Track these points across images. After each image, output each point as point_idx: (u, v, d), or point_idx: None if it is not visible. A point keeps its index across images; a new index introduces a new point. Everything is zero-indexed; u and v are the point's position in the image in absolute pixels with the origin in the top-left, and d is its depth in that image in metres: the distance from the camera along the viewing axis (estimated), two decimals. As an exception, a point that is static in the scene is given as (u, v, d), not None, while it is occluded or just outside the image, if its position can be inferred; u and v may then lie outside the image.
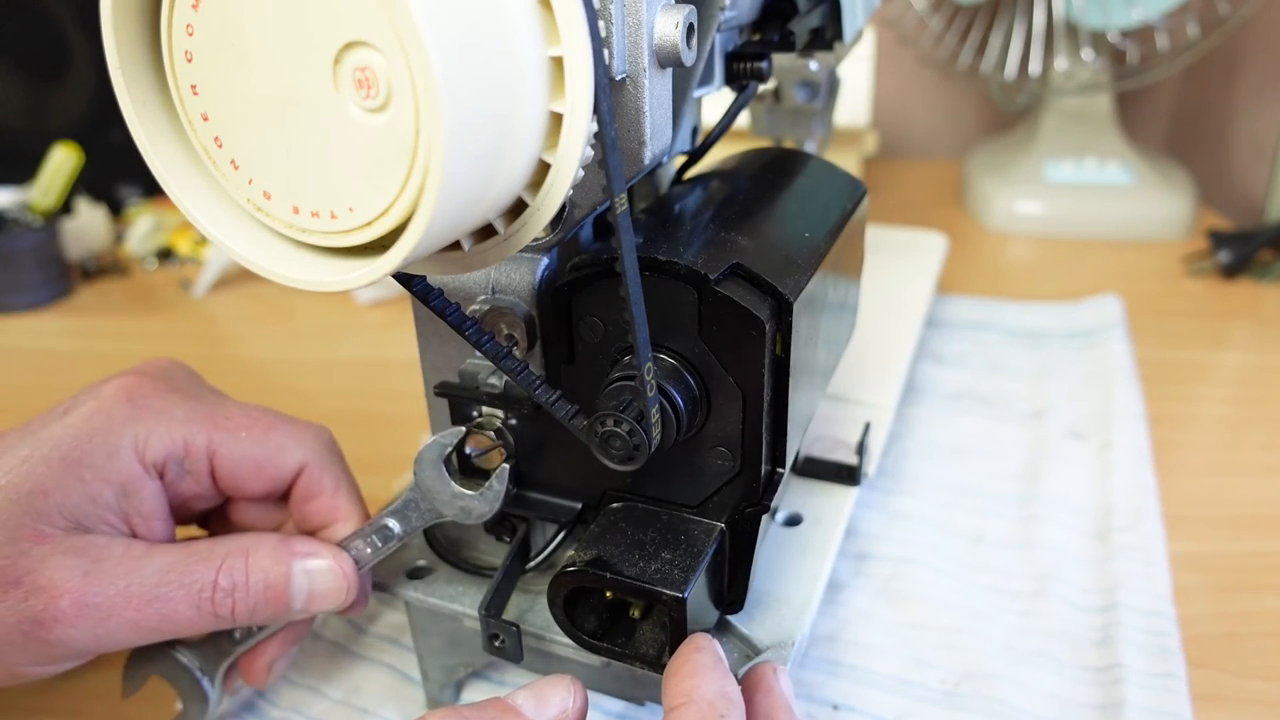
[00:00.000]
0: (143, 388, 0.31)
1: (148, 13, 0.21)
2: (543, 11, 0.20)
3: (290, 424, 0.33)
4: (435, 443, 0.31)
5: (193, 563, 0.29)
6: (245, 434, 0.32)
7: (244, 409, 0.33)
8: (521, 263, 0.29)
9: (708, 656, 0.27)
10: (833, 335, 0.35)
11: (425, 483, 0.31)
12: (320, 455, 0.33)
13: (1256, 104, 0.87)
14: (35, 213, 0.75)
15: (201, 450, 0.31)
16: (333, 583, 0.31)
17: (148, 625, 0.29)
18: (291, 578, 0.30)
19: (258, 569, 0.30)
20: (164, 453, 0.31)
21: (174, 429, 0.31)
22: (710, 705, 0.25)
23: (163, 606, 0.29)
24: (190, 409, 0.32)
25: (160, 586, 0.29)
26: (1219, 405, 0.56)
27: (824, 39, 0.39)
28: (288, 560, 0.30)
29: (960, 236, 0.80)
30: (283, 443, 0.32)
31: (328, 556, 0.31)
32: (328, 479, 0.33)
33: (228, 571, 0.30)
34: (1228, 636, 0.39)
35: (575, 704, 0.27)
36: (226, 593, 0.29)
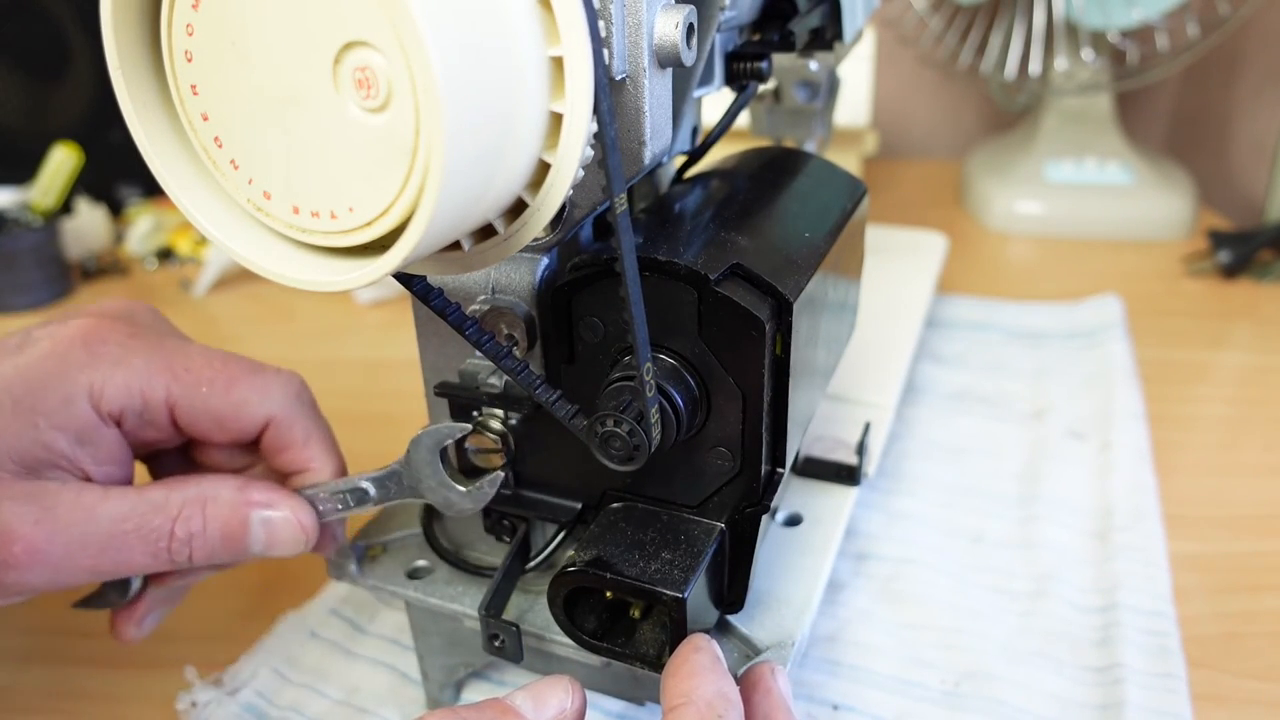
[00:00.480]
0: (101, 331, 0.30)
1: (148, 13, 0.21)
2: (543, 11, 0.20)
3: (255, 376, 0.32)
4: (437, 430, 0.30)
5: (148, 512, 0.29)
6: (206, 388, 0.31)
7: (207, 358, 0.31)
8: (521, 263, 0.29)
9: (706, 657, 0.27)
10: (833, 335, 0.35)
11: (416, 463, 0.31)
12: (288, 407, 0.32)
13: (1256, 104, 0.87)
14: (35, 213, 0.75)
15: (160, 402, 0.30)
16: (290, 534, 0.31)
17: (103, 570, 0.29)
18: (249, 528, 0.30)
19: (215, 519, 0.30)
20: (120, 404, 0.30)
21: (131, 379, 0.30)
22: (709, 705, 0.25)
23: (117, 554, 0.28)
24: (150, 358, 0.30)
25: (115, 536, 0.28)
26: (1219, 405, 0.56)
27: (824, 39, 0.39)
28: (245, 510, 0.30)
29: (960, 236, 0.80)
30: (246, 397, 0.31)
31: (286, 509, 0.30)
32: (297, 430, 0.32)
33: (184, 522, 0.29)
34: (1228, 636, 0.39)
35: (573, 704, 0.27)
36: (183, 542, 0.29)
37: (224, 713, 0.36)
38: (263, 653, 0.38)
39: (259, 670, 0.37)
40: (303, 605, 0.41)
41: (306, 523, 0.31)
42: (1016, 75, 0.83)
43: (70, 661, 0.38)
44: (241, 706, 0.36)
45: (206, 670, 0.37)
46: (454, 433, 0.30)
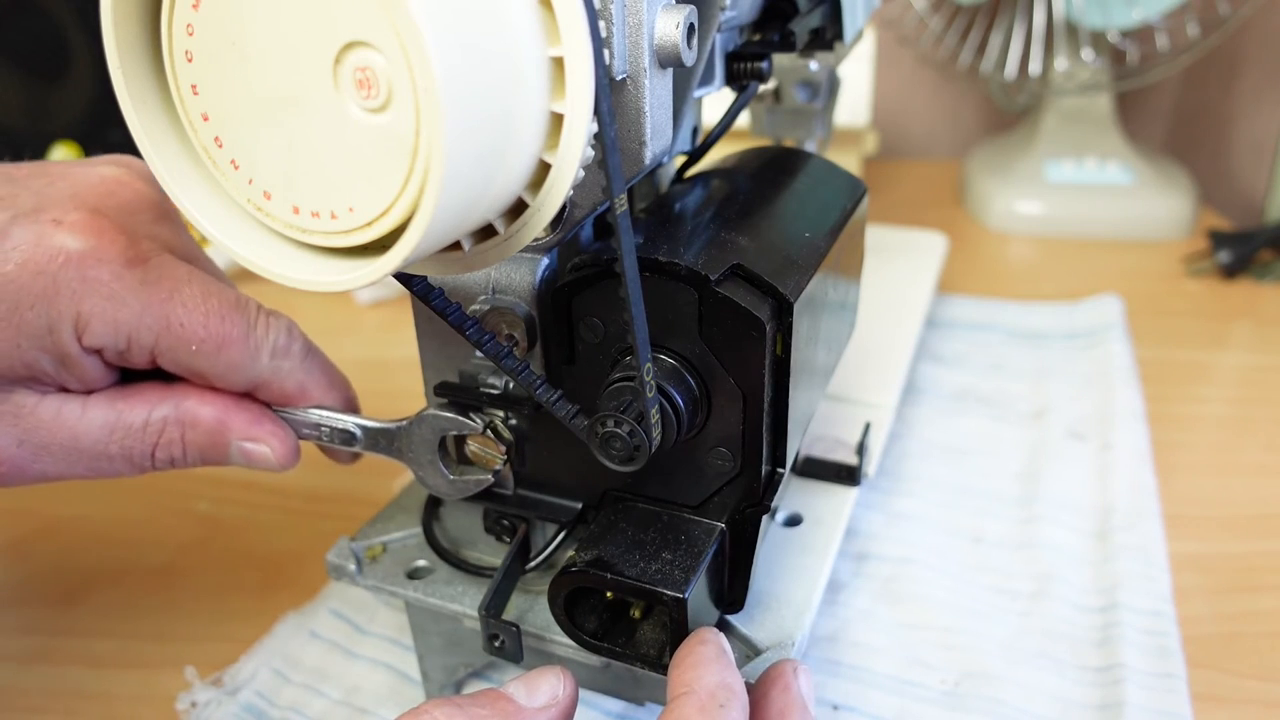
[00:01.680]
0: (99, 251, 0.28)
1: (148, 13, 0.21)
2: (543, 11, 0.20)
3: (247, 338, 0.30)
4: (451, 419, 0.31)
5: (128, 435, 0.29)
6: (195, 347, 0.29)
7: (204, 313, 0.30)
8: (522, 263, 0.29)
9: (711, 649, 0.27)
10: (833, 335, 0.35)
11: (416, 436, 0.31)
12: (276, 369, 0.31)
13: (1256, 104, 0.87)
14: (35, 213, 0.75)
15: (145, 348, 0.29)
16: (268, 463, 0.31)
17: (82, 469, 0.30)
18: (228, 453, 0.31)
19: (194, 444, 0.30)
20: (103, 340, 0.28)
21: (121, 319, 0.28)
22: (710, 696, 0.25)
23: (103, 467, 0.30)
24: (146, 301, 0.28)
25: (98, 457, 0.29)
26: (1219, 405, 0.56)
27: (824, 39, 0.39)
28: (225, 438, 0.30)
29: (960, 236, 0.80)
30: (234, 361, 0.30)
31: (264, 442, 0.31)
32: (289, 385, 0.32)
33: (164, 447, 0.30)
34: (1228, 636, 0.39)
35: (565, 691, 0.27)
36: (164, 463, 0.30)
37: (224, 713, 0.36)
38: (263, 653, 0.38)
39: (259, 670, 0.37)
40: (303, 605, 0.41)
41: (283, 452, 0.31)
42: (1016, 75, 0.83)
43: (70, 661, 0.38)
44: (241, 706, 0.36)
45: (206, 670, 0.37)
46: (463, 428, 0.31)
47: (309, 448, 0.34)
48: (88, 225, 0.28)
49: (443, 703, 0.25)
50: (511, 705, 0.26)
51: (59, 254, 0.27)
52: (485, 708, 0.25)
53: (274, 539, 0.45)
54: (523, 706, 0.26)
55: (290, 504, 0.47)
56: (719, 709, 0.25)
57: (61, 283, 0.27)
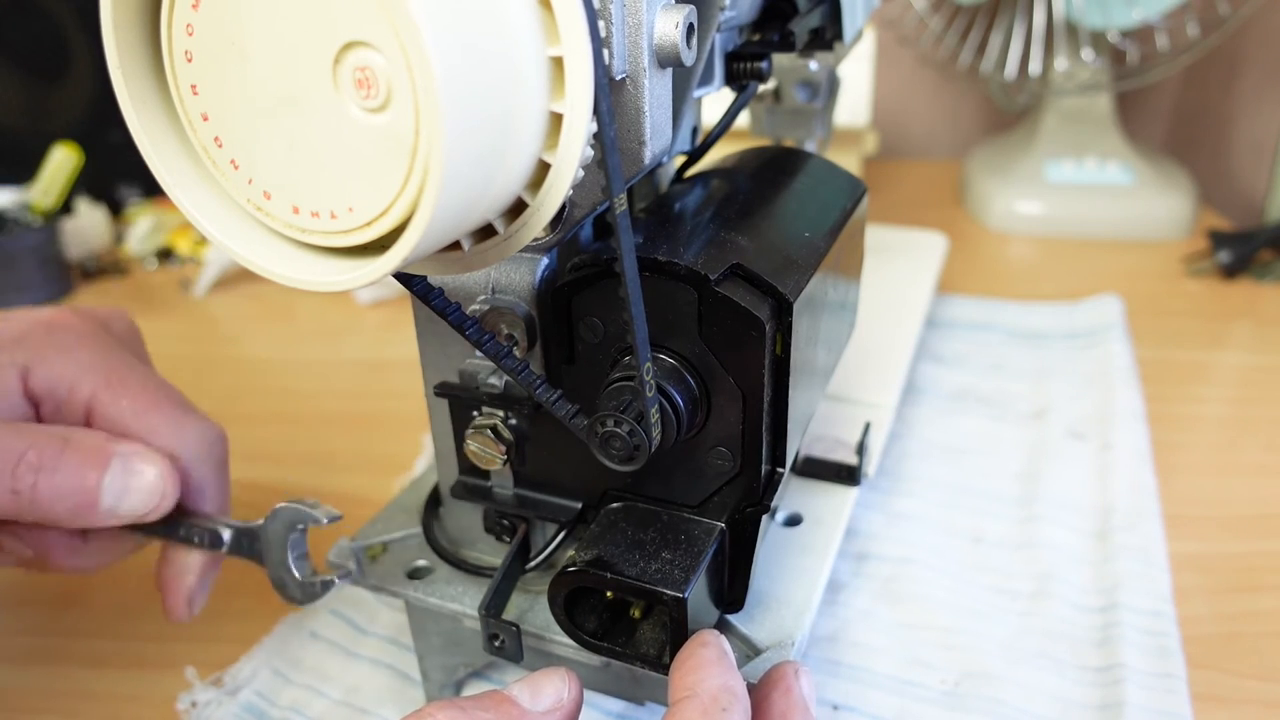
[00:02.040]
0: (67, 320, 0.31)
1: (148, 13, 0.21)
2: (542, 11, 0.20)
3: (179, 412, 0.32)
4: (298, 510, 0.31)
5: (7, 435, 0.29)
6: (127, 403, 0.31)
7: (144, 380, 0.32)
8: (521, 263, 0.29)
9: (713, 651, 0.27)
10: (833, 335, 0.35)
11: (269, 532, 0.32)
12: (194, 452, 0.32)
13: (1256, 104, 0.87)
14: (35, 213, 0.75)
15: (81, 399, 0.31)
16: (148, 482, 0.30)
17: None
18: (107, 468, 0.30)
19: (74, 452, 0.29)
20: (46, 386, 0.30)
21: (65, 369, 0.30)
22: (713, 699, 0.25)
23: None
24: (94, 359, 0.31)
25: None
26: (1219, 405, 0.56)
27: (824, 39, 0.39)
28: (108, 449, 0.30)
29: (960, 236, 0.80)
30: (158, 426, 0.31)
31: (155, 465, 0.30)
32: (194, 476, 0.33)
33: (39, 449, 0.29)
34: (1228, 636, 0.39)
35: (570, 694, 0.27)
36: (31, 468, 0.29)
37: (224, 713, 0.36)
38: (263, 653, 0.38)
39: (259, 670, 0.37)
40: (303, 605, 0.41)
41: (168, 475, 0.31)
42: (1016, 75, 0.83)
43: (70, 661, 0.38)
44: (241, 706, 0.36)
45: (206, 670, 0.37)
46: (312, 519, 0.31)
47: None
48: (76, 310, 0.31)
49: (445, 705, 0.25)
50: (515, 709, 0.26)
51: (36, 318, 0.31)
52: (489, 711, 0.25)
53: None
54: (527, 709, 0.26)
55: (290, 504, 0.47)
56: (721, 712, 0.25)
57: (29, 336, 0.30)
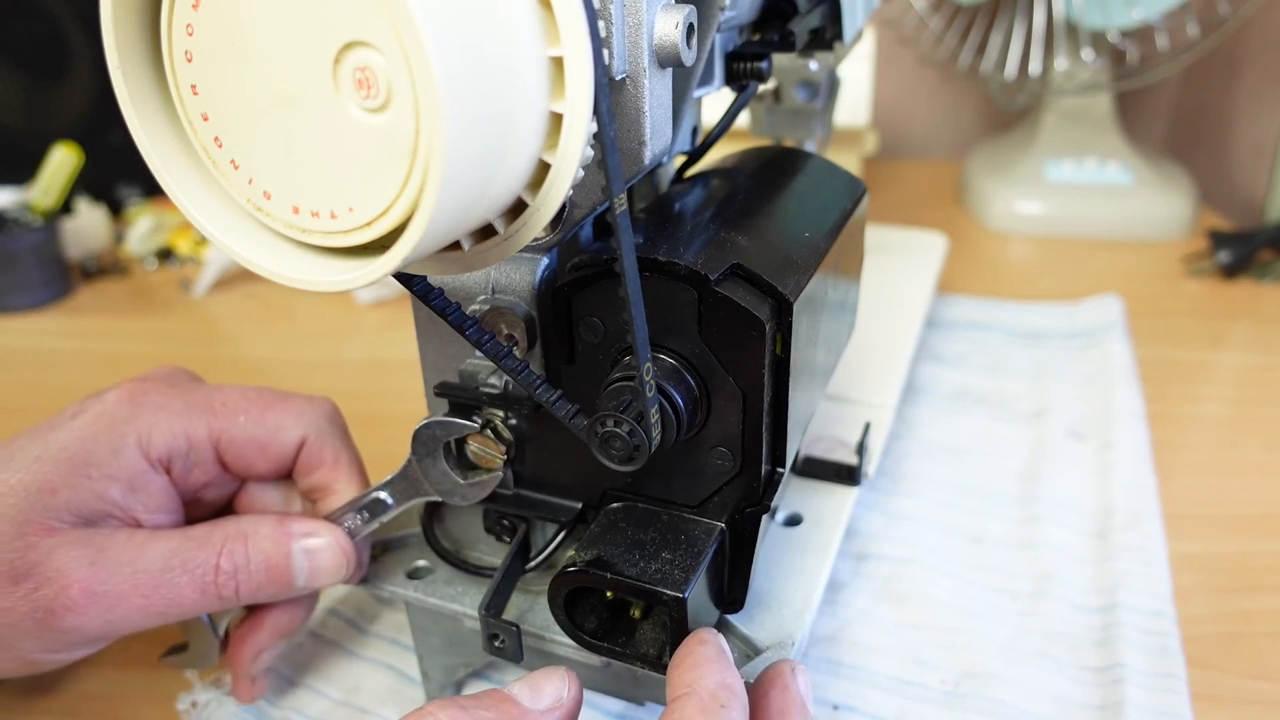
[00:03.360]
0: (144, 389, 0.32)
1: (148, 13, 0.21)
2: (543, 11, 0.20)
3: (288, 400, 0.34)
4: (436, 424, 0.31)
5: (193, 548, 0.30)
6: (244, 417, 0.33)
7: (241, 392, 0.34)
8: (521, 263, 0.29)
9: (711, 649, 0.27)
10: (833, 335, 0.35)
11: (419, 460, 0.32)
12: (319, 427, 0.34)
13: (1256, 104, 0.87)
14: (35, 213, 0.75)
15: (204, 439, 0.32)
16: (332, 559, 0.32)
17: (155, 610, 0.30)
18: (292, 558, 0.31)
19: (258, 551, 0.31)
20: (167, 447, 0.31)
21: (174, 423, 0.32)
22: (711, 696, 0.25)
23: (168, 592, 0.30)
24: (188, 401, 0.32)
25: (164, 573, 0.30)
26: (1219, 405, 0.56)
27: (824, 39, 0.39)
28: (287, 542, 0.31)
29: (960, 236, 0.80)
30: (281, 420, 0.33)
31: (325, 534, 0.32)
32: (327, 450, 0.34)
33: (229, 555, 0.30)
34: (1228, 636, 0.39)
35: (570, 693, 0.27)
36: (229, 575, 0.30)
37: (224, 713, 0.36)
38: (263, 653, 0.38)
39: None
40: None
41: (346, 546, 0.32)
42: (1016, 75, 0.83)
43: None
44: (241, 706, 0.36)
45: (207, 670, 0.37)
46: (456, 431, 0.31)
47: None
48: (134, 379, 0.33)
49: (446, 704, 0.25)
50: (516, 708, 0.26)
51: (114, 399, 0.32)
52: (489, 709, 0.25)
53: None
54: (527, 708, 0.26)
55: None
56: (720, 709, 0.25)
57: (119, 416, 0.31)
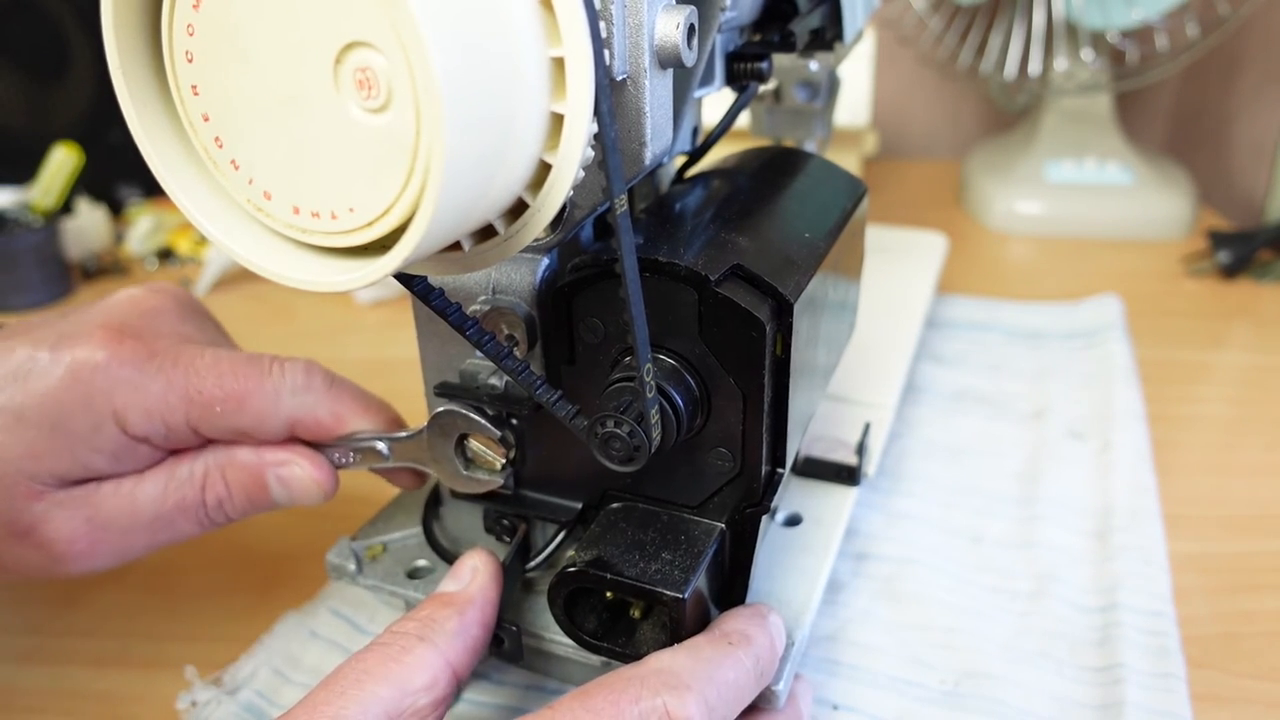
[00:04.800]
0: (121, 354, 0.31)
1: (148, 13, 0.21)
2: (543, 12, 0.20)
3: (264, 383, 0.32)
4: (460, 415, 0.32)
5: (178, 488, 0.32)
6: (220, 409, 0.32)
7: (218, 375, 0.32)
8: (522, 263, 0.29)
9: (759, 610, 0.30)
10: (833, 335, 0.35)
11: (432, 437, 0.32)
12: (303, 402, 0.33)
13: (1256, 104, 0.87)
14: (36, 213, 0.75)
15: (181, 424, 0.32)
16: (306, 486, 0.33)
17: (160, 542, 0.33)
18: (268, 486, 0.33)
19: (236, 482, 0.33)
20: (144, 429, 0.31)
21: (150, 406, 0.31)
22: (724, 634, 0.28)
23: (167, 529, 0.32)
24: (167, 383, 0.31)
25: (159, 517, 0.32)
26: (1219, 405, 0.56)
27: (824, 39, 0.39)
28: (261, 471, 0.33)
29: (960, 236, 0.80)
30: (260, 409, 0.32)
31: (299, 464, 0.33)
32: (321, 415, 0.33)
33: (211, 490, 0.33)
34: (1228, 636, 0.39)
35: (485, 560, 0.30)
36: (216, 508, 0.33)
37: (224, 712, 0.36)
38: (263, 653, 0.38)
39: (259, 670, 0.37)
40: (303, 605, 0.41)
41: (320, 476, 0.33)
42: (1016, 75, 0.83)
43: (70, 661, 0.38)
44: (241, 706, 0.36)
45: (206, 670, 0.37)
46: (477, 427, 0.32)
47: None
48: (106, 338, 0.31)
49: (400, 621, 0.28)
50: (445, 594, 0.29)
51: (86, 366, 0.30)
52: (426, 607, 0.28)
53: (274, 538, 0.45)
54: (455, 591, 0.29)
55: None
56: (728, 646, 0.27)
57: (95, 389, 0.30)
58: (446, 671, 0.27)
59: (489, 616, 0.29)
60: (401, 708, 0.25)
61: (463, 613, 0.28)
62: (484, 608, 0.29)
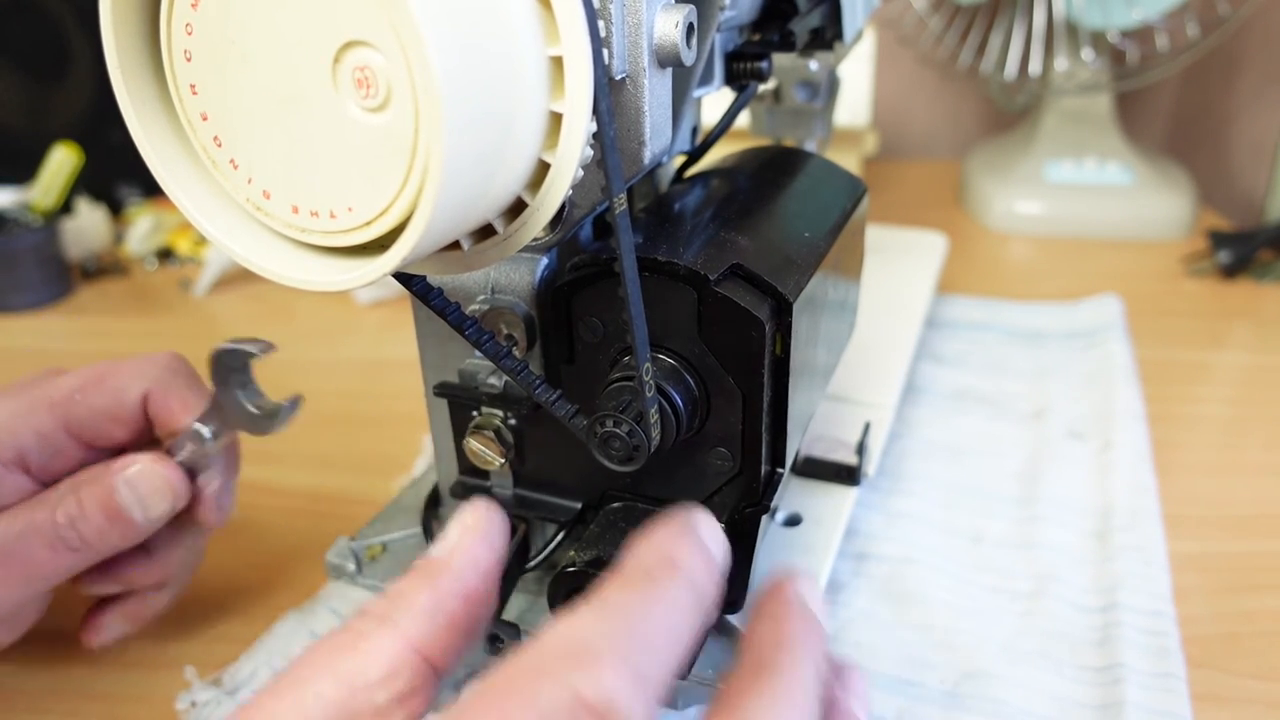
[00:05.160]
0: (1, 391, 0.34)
1: (147, 12, 0.21)
2: (542, 11, 0.20)
3: (123, 364, 0.34)
4: (224, 351, 0.32)
5: (36, 511, 0.32)
6: (80, 395, 0.33)
7: (79, 371, 0.34)
8: (521, 262, 0.29)
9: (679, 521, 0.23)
10: (833, 335, 0.35)
11: (220, 390, 0.33)
12: (159, 379, 0.34)
13: (1256, 104, 0.87)
14: (35, 213, 0.75)
15: (52, 428, 0.33)
16: (152, 482, 0.32)
17: (17, 576, 0.31)
18: (117, 491, 0.32)
19: (89, 496, 0.32)
20: (16, 446, 0.32)
21: (17, 423, 0.32)
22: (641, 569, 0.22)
23: (23, 554, 0.31)
24: (32, 396, 0.33)
25: (17, 540, 0.31)
26: (1219, 405, 0.56)
27: (824, 39, 0.39)
28: (109, 478, 0.32)
29: (960, 236, 0.80)
30: (119, 383, 0.33)
31: (141, 462, 0.32)
32: (174, 398, 0.34)
33: (64, 508, 0.32)
34: (1227, 636, 0.39)
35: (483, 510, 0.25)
36: (69, 525, 0.31)
37: (224, 712, 0.35)
38: (263, 653, 0.38)
39: (259, 670, 0.37)
40: (303, 605, 0.41)
41: (166, 471, 0.32)
42: (1016, 75, 0.83)
43: (70, 661, 0.38)
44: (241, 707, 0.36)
45: (206, 670, 0.37)
46: (243, 357, 0.32)
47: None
48: None
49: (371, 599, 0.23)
50: (423, 562, 0.24)
51: None
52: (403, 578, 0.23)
53: (274, 539, 0.45)
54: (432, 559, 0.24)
55: (290, 504, 0.47)
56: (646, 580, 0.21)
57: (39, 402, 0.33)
58: (411, 658, 0.21)
59: (473, 586, 0.23)
60: (352, 707, 0.21)
61: (435, 585, 0.22)
62: (463, 576, 0.23)
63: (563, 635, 0.20)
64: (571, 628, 0.20)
